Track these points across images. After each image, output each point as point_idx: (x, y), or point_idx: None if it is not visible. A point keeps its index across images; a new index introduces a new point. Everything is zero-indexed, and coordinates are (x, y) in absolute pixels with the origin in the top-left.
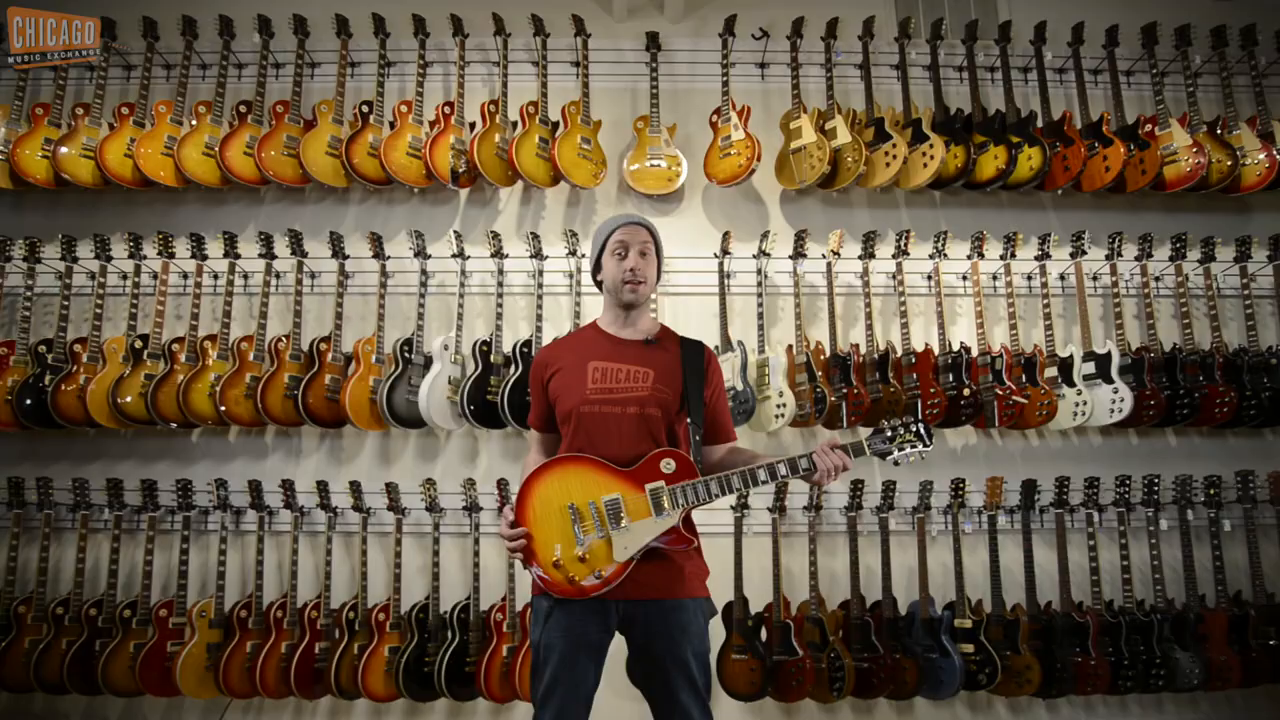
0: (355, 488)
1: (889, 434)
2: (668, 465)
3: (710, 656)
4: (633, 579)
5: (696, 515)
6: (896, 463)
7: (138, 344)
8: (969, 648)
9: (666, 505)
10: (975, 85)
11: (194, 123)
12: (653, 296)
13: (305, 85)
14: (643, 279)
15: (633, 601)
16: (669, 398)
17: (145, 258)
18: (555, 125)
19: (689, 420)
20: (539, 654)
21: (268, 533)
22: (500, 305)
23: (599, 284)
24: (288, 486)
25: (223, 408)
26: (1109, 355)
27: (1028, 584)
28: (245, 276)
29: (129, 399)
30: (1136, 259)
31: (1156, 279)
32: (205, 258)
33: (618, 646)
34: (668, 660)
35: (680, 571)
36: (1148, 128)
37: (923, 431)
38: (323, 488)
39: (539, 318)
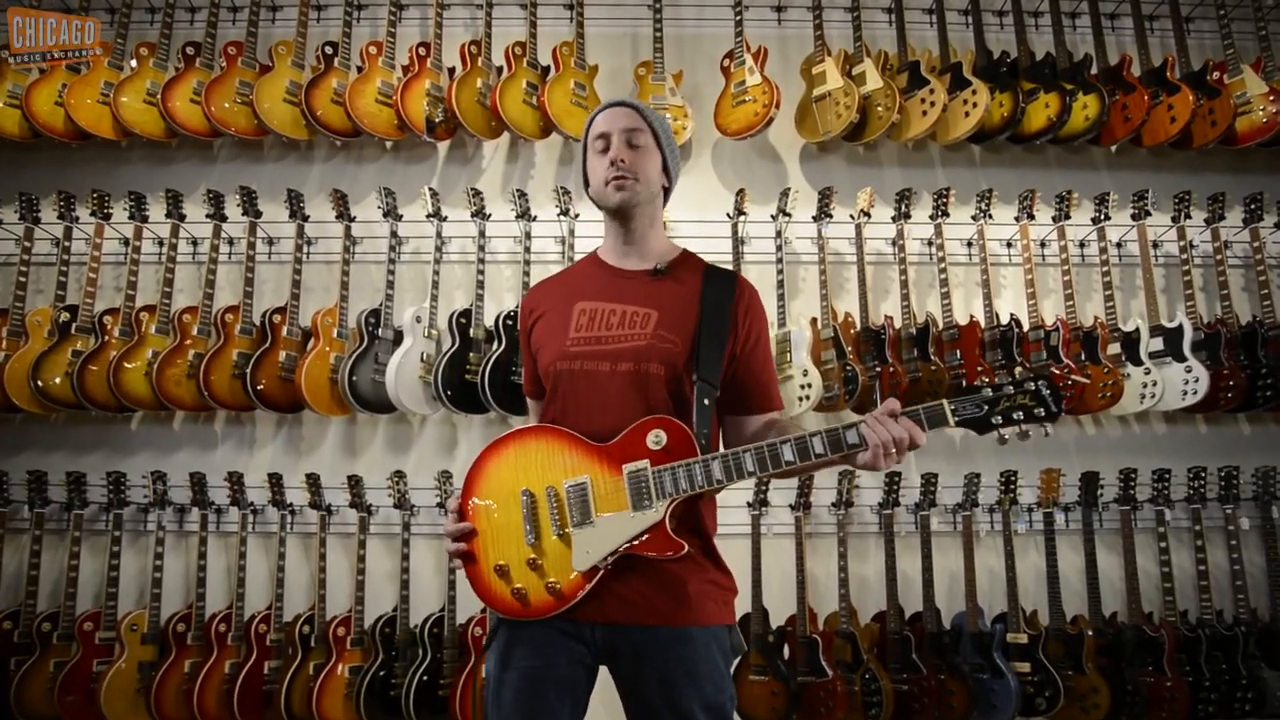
0: (313, 481)
1: (989, 396)
2: (656, 439)
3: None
4: (615, 594)
5: None
6: (1003, 440)
7: (65, 316)
8: (1025, 666)
9: (650, 494)
10: (1021, 23)
11: (134, 65)
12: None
13: (265, 31)
14: (631, 173)
15: (614, 627)
16: (676, 348)
17: (78, 220)
18: (546, 70)
19: (696, 378)
20: (489, 690)
21: (212, 533)
22: (482, 273)
23: (594, 200)
24: (235, 480)
25: (159, 389)
26: (1180, 329)
27: (1090, 592)
28: (194, 243)
29: (56, 379)
30: (1206, 222)
31: (1227, 245)
32: (146, 219)
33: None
34: (666, 714)
35: (683, 587)
36: (1216, 75)
37: (1046, 394)
38: (275, 481)
39: (525, 287)
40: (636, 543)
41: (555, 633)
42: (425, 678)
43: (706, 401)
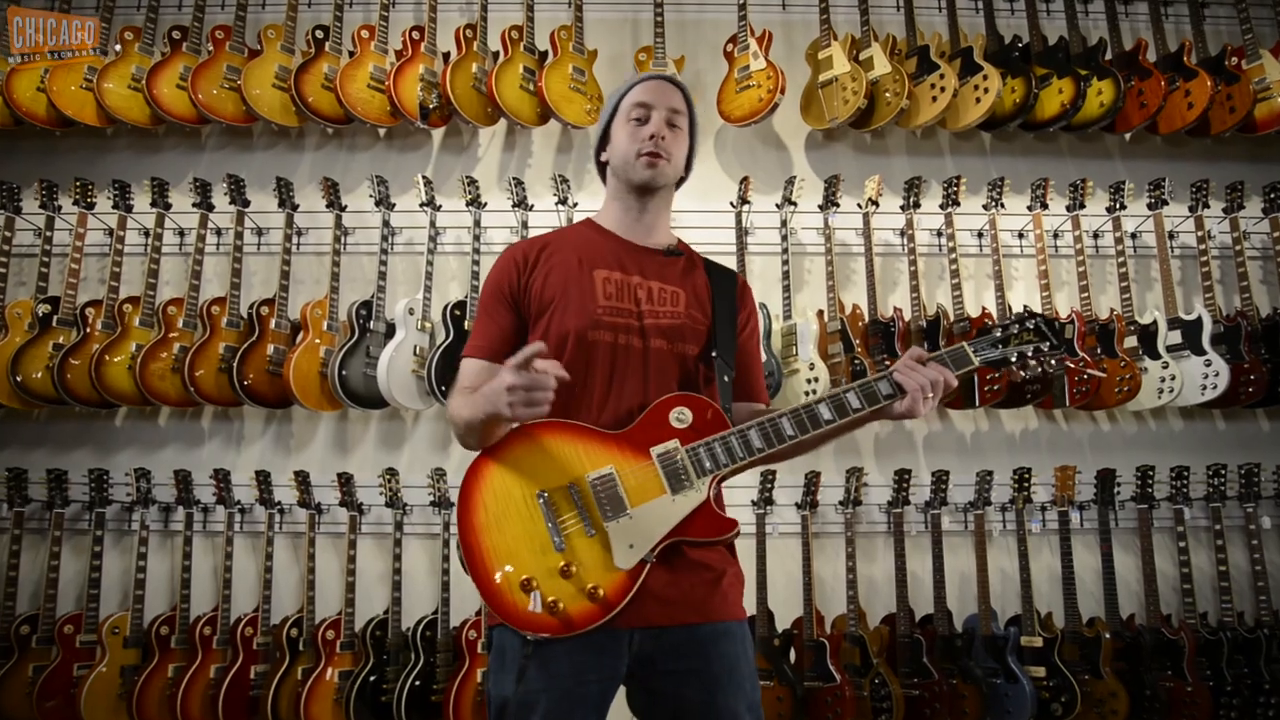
0: (302, 479)
1: (1001, 335)
2: (681, 417)
3: None
4: (651, 594)
5: None
6: (1023, 373)
7: (45, 309)
8: (1040, 671)
9: (688, 474)
10: (1033, 7)
11: (119, 50)
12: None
13: (253, 16)
14: (667, 152)
15: (653, 630)
16: (704, 329)
17: (60, 209)
18: (544, 55)
19: (715, 356)
20: (505, 717)
21: (198, 533)
22: (477, 263)
23: (602, 168)
24: (221, 478)
25: (143, 383)
26: (1199, 322)
27: (1107, 594)
28: (180, 233)
29: (36, 374)
30: (1225, 211)
31: (1246, 235)
32: (130, 209)
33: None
34: (710, 717)
35: (717, 580)
36: (1234, 60)
37: (1044, 328)
38: (263, 479)
39: None
40: (685, 528)
41: (586, 647)
42: (418, 683)
43: (727, 379)
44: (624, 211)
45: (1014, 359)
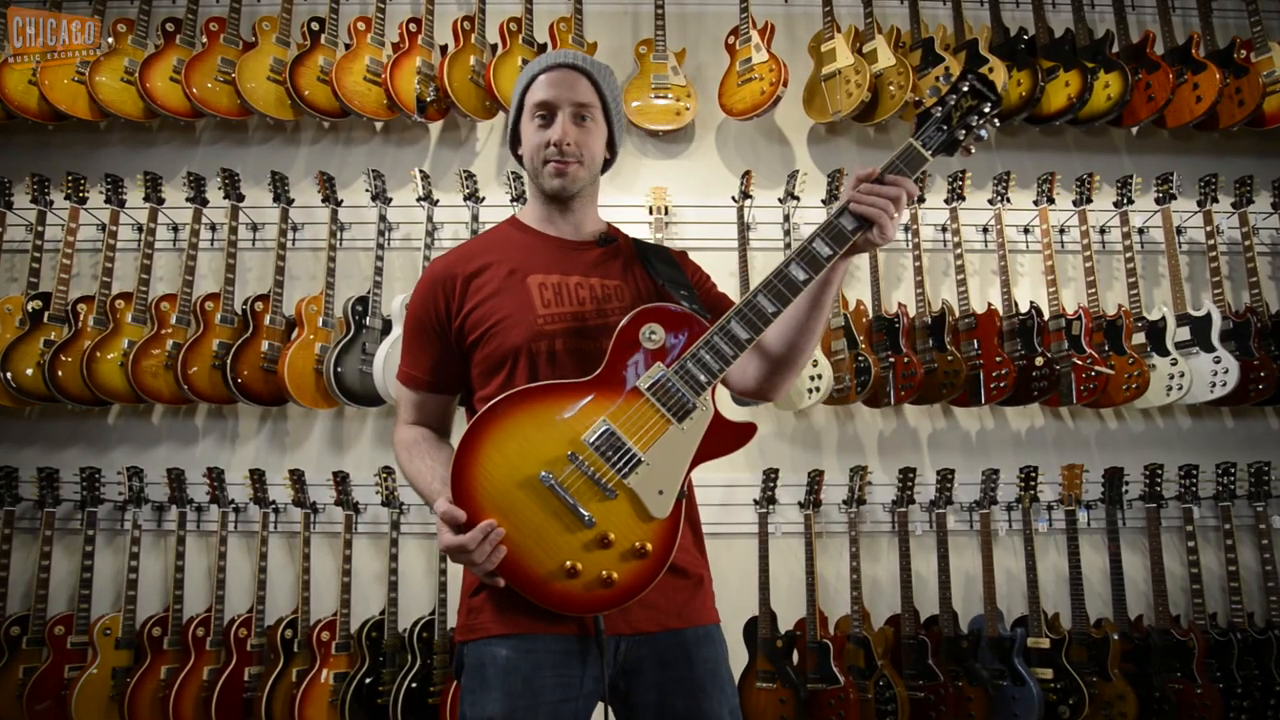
0: (297, 478)
1: (941, 114)
2: (652, 335)
3: None
4: (638, 599)
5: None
6: (979, 138)
7: (36, 304)
8: (1047, 673)
9: (687, 396)
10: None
11: (111, 42)
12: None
13: (248, 8)
14: (575, 157)
15: (640, 637)
16: None
17: (52, 204)
18: (543, 48)
19: None
20: None
21: (191, 533)
22: None
23: (520, 160)
24: (215, 476)
25: (135, 380)
26: (1208, 318)
27: (1115, 594)
28: (174, 229)
29: (27, 371)
30: (1234, 206)
31: (1255, 231)
32: (123, 204)
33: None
34: None
35: (700, 582)
36: (1243, 53)
37: (980, 86)
38: (258, 478)
39: None
40: (706, 451)
41: (575, 660)
42: (414, 685)
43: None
44: (546, 209)
45: (962, 135)
